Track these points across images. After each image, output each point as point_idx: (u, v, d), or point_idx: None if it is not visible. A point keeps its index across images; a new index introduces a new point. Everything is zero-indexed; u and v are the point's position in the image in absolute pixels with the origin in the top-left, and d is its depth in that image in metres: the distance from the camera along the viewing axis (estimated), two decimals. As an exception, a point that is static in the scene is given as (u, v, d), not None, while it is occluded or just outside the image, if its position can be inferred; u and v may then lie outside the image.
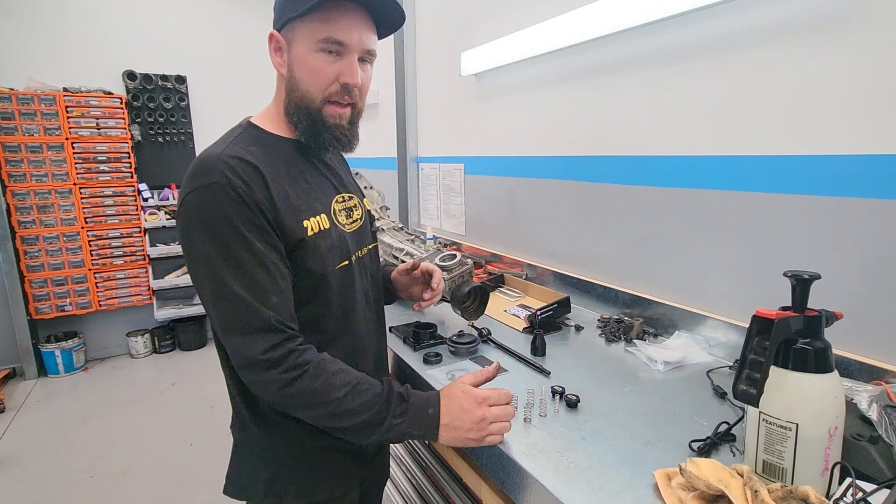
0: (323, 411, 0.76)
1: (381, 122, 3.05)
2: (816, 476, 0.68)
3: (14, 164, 3.33)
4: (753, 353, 0.69)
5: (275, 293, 0.76)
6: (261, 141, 0.85)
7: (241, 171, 0.76)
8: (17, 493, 2.33)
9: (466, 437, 0.79)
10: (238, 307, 0.74)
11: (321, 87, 0.83)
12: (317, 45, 0.81)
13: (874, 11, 0.93)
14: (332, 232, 0.88)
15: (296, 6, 0.78)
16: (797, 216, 1.07)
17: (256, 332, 0.74)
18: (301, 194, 0.84)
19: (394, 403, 0.79)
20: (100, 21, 3.68)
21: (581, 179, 1.62)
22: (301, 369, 0.75)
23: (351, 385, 0.77)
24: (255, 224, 0.76)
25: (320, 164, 0.94)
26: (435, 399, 0.81)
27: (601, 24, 1.41)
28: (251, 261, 0.75)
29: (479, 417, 0.78)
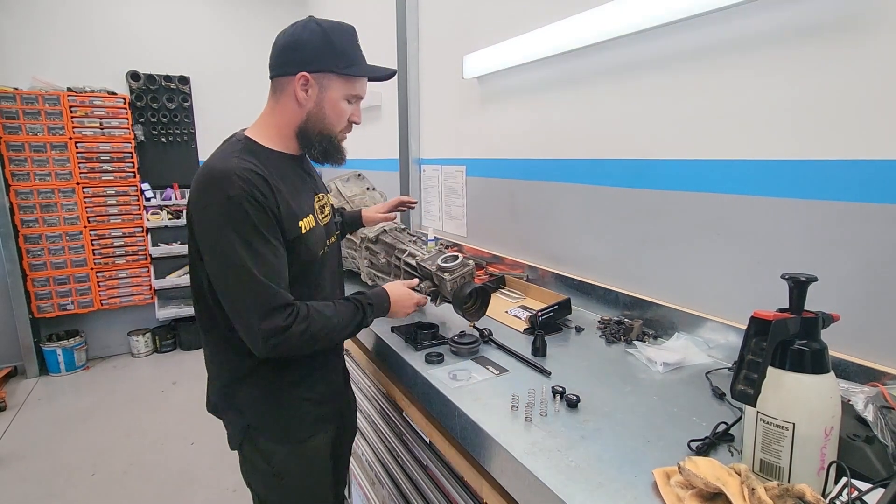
0: (331, 336, 1.05)
1: (384, 123, 3.06)
2: (813, 475, 0.69)
3: (18, 164, 3.35)
4: (751, 354, 0.70)
5: (284, 277, 1.01)
6: (258, 154, 1.05)
7: (256, 182, 0.97)
8: (18, 491, 2.34)
9: (400, 314, 1.23)
10: (263, 291, 0.96)
11: (341, 124, 1.11)
12: (346, 97, 1.09)
13: (876, 18, 0.94)
14: (317, 228, 1.12)
15: (340, 66, 1.05)
16: (795, 220, 1.08)
17: (278, 307, 0.97)
18: (296, 199, 1.07)
19: (367, 309, 1.13)
20: (104, 21, 3.70)
21: (582, 182, 1.63)
22: (307, 320, 1.00)
23: (335, 311, 1.07)
24: (270, 225, 0.98)
25: (303, 172, 1.17)
26: (386, 296, 1.19)
27: (602, 29, 1.42)
28: (269, 254, 0.97)
29: (408, 313, 1.25)
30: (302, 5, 4.39)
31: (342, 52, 1.04)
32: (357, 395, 1.69)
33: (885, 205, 0.94)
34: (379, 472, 1.53)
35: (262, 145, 1.07)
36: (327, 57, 1.03)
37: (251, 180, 0.96)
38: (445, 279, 1.31)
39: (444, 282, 1.33)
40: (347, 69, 1.05)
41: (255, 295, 0.96)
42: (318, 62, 1.03)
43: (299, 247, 1.05)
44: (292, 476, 1.16)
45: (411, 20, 2.53)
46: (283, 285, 0.99)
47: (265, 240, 0.97)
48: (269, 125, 1.10)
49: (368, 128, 3.33)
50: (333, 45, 1.03)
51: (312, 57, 1.03)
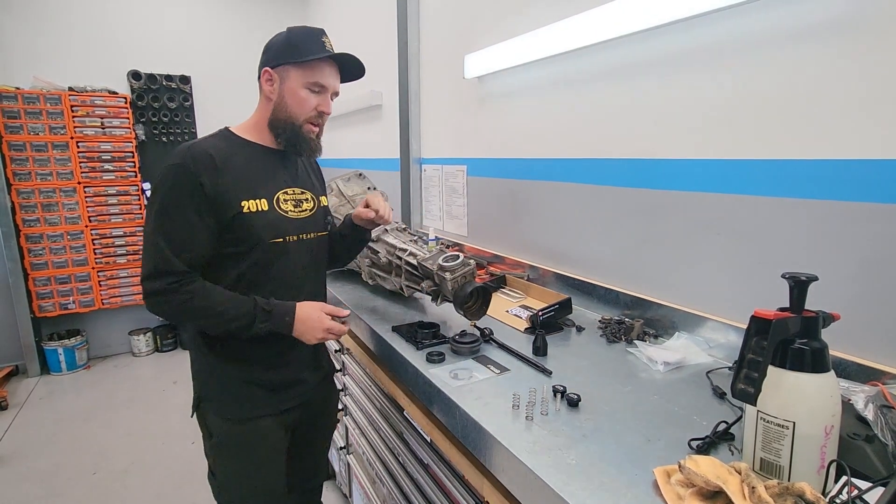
0: (210, 321, 1.11)
1: (385, 123, 3.06)
2: (813, 474, 0.69)
3: (19, 163, 3.35)
4: (752, 353, 0.71)
5: (188, 249, 1.08)
6: (229, 141, 1.17)
7: (197, 157, 1.07)
8: (19, 490, 2.35)
9: (308, 338, 1.18)
10: (157, 253, 1.06)
11: (305, 113, 1.17)
12: (306, 85, 1.16)
13: (874, 17, 0.94)
14: (270, 214, 1.16)
15: (294, 56, 1.13)
16: (795, 219, 1.08)
17: (165, 272, 1.07)
18: (246, 182, 1.14)
19: (259, 315, 1.13)
20: (105, 21, 3.71)
21: (583, 182, 1.63)
22: (190, 294, 1.08)
23: (227, 303, 1.11)
24: (194, 196, 1.06)
25: (278, 164, 1.22)
26: (292, 312, 1.17)
27: (603, 28, 1.42)
28: (180, 222, 1.06)
29: (319, 338, 1.19)
30: (303, 5, 4.39)
31: (299, 45, 1.13)
32: (357, 394, 1.69)
33: (886, 204, 0.94)
34: (380, 470, 1.53)
35: (238, 135, 1.19)
36: (285, 52, 1.14)
37: (194, 154, 1.07)
38: (446, 278, 1.32)
39: (445, 281, 1.33)
40: (299, 58, 1.13)
41: (149, 254, 1.07)
42: (278, 57, 1.15)
43: (238, 225, 1.11)
44: (232, 451, 1.23)
45: (412, 20, 2.53)
46: (186, 255, 1.07)
47: (181, 208, 1.06)
48: (252, 121, 1.22)
49: (369, 128, 3.34)
50: (292, 42, 1.14)
51: (274, 54, 1.15)
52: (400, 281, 1.59)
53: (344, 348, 1.80)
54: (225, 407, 1.21)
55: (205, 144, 1.12)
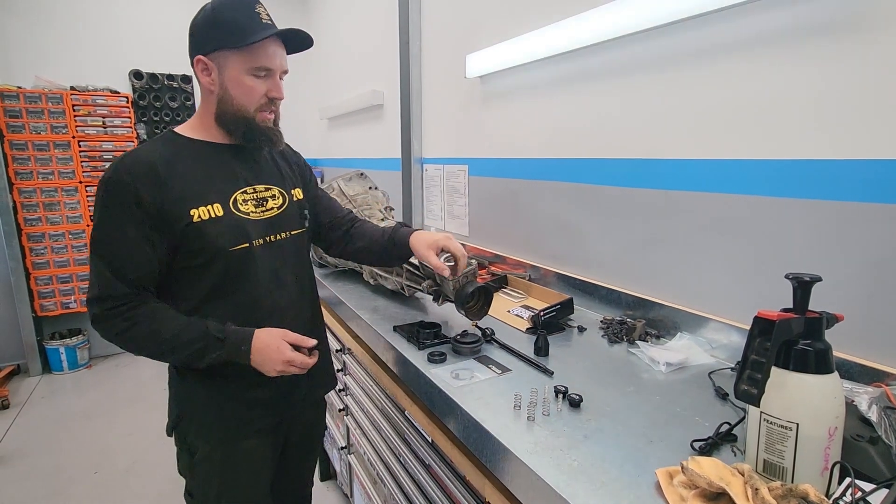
0: (154, 351, 1.02)
1: (386, 123, 3.06)
2: (816, 475, 0.69)
3: (21, 162, 3.36)
4: (755, 354, 0.70)
5: (130, 270, 0.99)
6: (174, 144, 1.06)
7: (133, 169, 0.97)
8: (21, 489, 2.35)
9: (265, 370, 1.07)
10: (97, 276, 0.98)
11: (254, 102, 1.05)
12: (249, 71, 1.03)
13: (873, 18, 0.94)
14: (226, 219, 1.05)
15: (229, 40, 1.00)
16: (799, 219, 1.08)
17: (107, 297, 0.98)
18: (195, 187, 1.02)
19: (211, 344, 1.02)
20: (107, 21, 3.71)
21: (585, 182, 1.63)
22: (132, 322, 0.99)
23: (176, 329, 1.01)
24: (131, 214, 0.97)
25: (233, 161, 1.11)
26: (248, 340, 1.05)
27: (605, 28, 1.42)
28: (118, 242, 0.98)
29: (279, 370, 1.07)
30: (303, 5, 4.39)
31: (231, 25, 0.99)
32: (359, 394, 1.69)
33: (890, 205, 0.94)
34: (381, 471, 1.53)
35: (183, 135, 1.08)
36: (216, 34, 1.00)
37: (129, 166, 0.97)
38: (448, 279, 1.31)
39: (446, 281, 1.33)
40: (236, 41, 0.99)
41: (92, 277, 1.00)
42: (209, 42, 1.01)
43: (192, 236, 1.01)
44: (214, 473, 1.14)
45: (414, 20, 2.53)
46: (129, 276, 0.98)
47: (119, 226, 0.97)
48: (197, 117, 1.11)
49: (371, 127, 3.34)
50: (221, 21, 1.00)
51: (204, 39, 1.02)
52: (401, 281, 1.59)
53: (345, 348, 1.80)
54: (207, 427, 1.12)
55: (143, 152, 1.01)
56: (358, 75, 3.46)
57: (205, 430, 1.13)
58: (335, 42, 3.82)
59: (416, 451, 1.30)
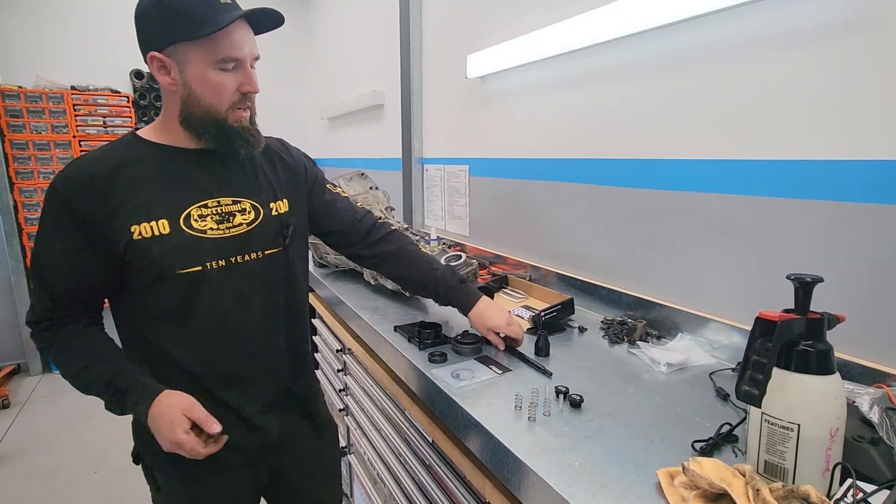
0: (68, 378, 0.93)
1: (387, 123, 3.06)
2: (817, 476, 0.69)
3: (22, 162, 3.36)
4: (756, 355, 0.70)
5: (57, 287, 0.90)
6: (132, 148, 0.93)
7: (72, 178, 0.87)
8: (21, 488, 2.35)
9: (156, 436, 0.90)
10: (33, 293, 0.93)
11: (225, 101, 0.91)
12: (214, 65, 0.87)
13: (877, 17, 0.94)
14: (172, 238, 0.91)
15: (184, 31, 0.84)
16: (801, 220, 1.08)
17: (33, 311, 0.93)
18: (140, 200, 0.89)
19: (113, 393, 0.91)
20: (108, 20, 3.71)
21: (585, 182, 1.63)
22: (48, 342, 0.93)
23: (83, 367, 0.92)
24: (62, 226, 0.87)
25: (195, 169, 0.95)
26: (148, 402, 0.90)
27: (607, 28, 1.42)
28: (49, 257, 0.89)
29: (168, 448, 0.90)
30: (304, 5, 4.39)
31: (183, 11, 0.83)
32: (359, 393, 1.69)
33: (892, 206, 0.94)
34: (381, 470, 1.53)
35: (145, 139, 0.94)
36: (168, 25, 0.84)
37: (69, 175, 0.87)
38: None
39: (447, 281, 1.33)
40: (194, 31, 0.84)
41: (32, 294, 0.94)
42: (162, 35, 0.85)
43: (134, 254, 0.88)
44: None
45: (414, 20, 2.53)
46: (54, 292, 0.90)
47: (50, 240, 0.89)
48: (161, 119, 0.96)
49: (371, 127, 3.34)
50: (172, 8, 0.83)
51: (154, 30, 0.86)
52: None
53: (345, 348, 1.80)
54: (168, 463, 0.97)
55: (88, 161, 0.89)
56: (358, 75, 3.46)
57: (166, 467, 1.00)
58: (336, 42, 3.83)
59: (417, 451, 1.29)
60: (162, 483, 1.02)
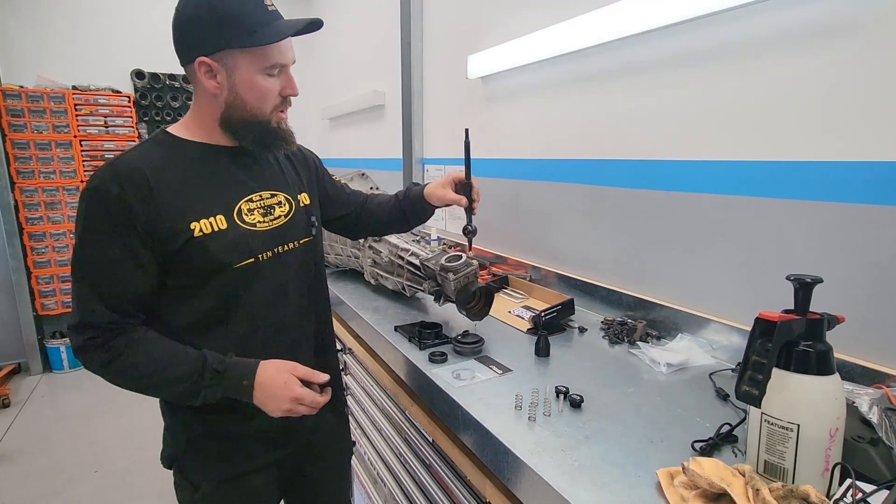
0: (140, 384, 0.90)
1: (387, 123, 3.06)
2: (817, 476, 0.69)
3: (23, 161, 3.37)
4: (756, 355, 0.70)
5: (115, 294, 0.87)
6: (169, 147, 0.93)
7: (123, 176, 0.85)
8: (21, 487, 2.35)
9: (270, 410, 0.93)
10: (79, 302, 0.87)
11: (270, 104, 0.94)
12: (262, 71, 0.91)
13: (877, 19, 0.94)
14: (230, 232, 0.93)
15: (238, 38, 0.86)
16: (800, 221, 1.08)
17: (88, 325, 0.87)
18: (194, 197, 0.91)
19: (207, 377, 0.90)
20: (109, 20, 3.72)
21: (586, 182, 1.63)
22: (115, 352, 0.87)
23: (167, 361, 0.89)
24: (118, 229, 0.85)
25: (235, 166, 0.98)
26: (251, 374, 0.92)
27: (607, 29, 1.42)
28: (101, 262, 0.86)
29: (286, 409, 0.93)
30: (305, 4, 4.40)
31: (237, 19, 0.85)
32: (359, 393, 1.69)
33: (891, 207, 0.94)
34: (381, 470, 1.53)
35: (181, 138, 0.95)
36: (221, 31, 0.85)
37: (118, 172, 0.85)
38: (449, 279, 1.31)
39: (447, 281, 1.33)
40: (249, 40, 0.86)
41: (74, 300, 0.88)
42: (213, 41, 0.86)
43: (192, 252, 0.88)
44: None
45: (415, 20, 2.53)
46: (113, 301, 0.86)
47: (102, 243, 0.85)
48: (193, 117, 0.97)
49: (372, 127, 3.34)
50: (224, 14, 0.85)
51: (205, 36, 0.87)
52: (402, 281, 1.59)
53: (346, 348, 1.80)
54: (209, 464, 1.01)
55: (133, 157, 0.88)
56: (359, 76, 3.46)
57: (207, 468, 1.01)
58: (337, 42, 3.83)
59: (417, 451, 1.30)
60: (200, 483, 1.02)
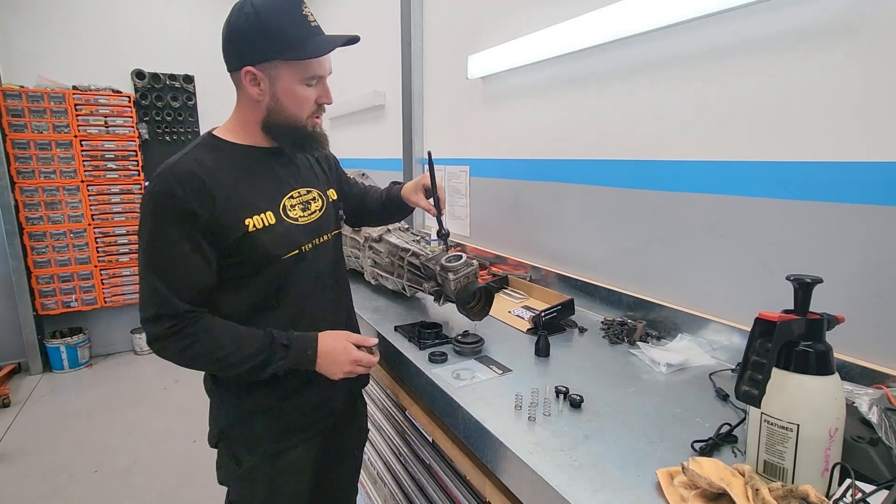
0: (218, 365, 0.99)
1: (388, 123, 3.06)
2: (817, 476, 0.69)
3: (23, 161, 3.37)
4: (756, 355, 0.70)
5: (187, 286, 0.95)
6: (218, 150, 1.02)
7: (183, 180, 0.93)
8: (21, 487, 2.35)
9: (333, 374, 1.08)
10: (153, 294, 0.94)
11: (306, 111, 1.04)
12: (303, 81, 1.00)
13: (877, 20, 0.94)
14: (278, 227, 1.03)
15: (283, 51, 0.96)
16: (800, 221, 1.08)
17: (164, 315, 0.94)
18: (245, 195, 1.00)
19: (277, 351, 1.01)
20: (110, 20, 3.72)
21: (586, 183, 1.63)
22: (193, 339, 0.95)
23: (238, 341, 0.98)
24: (184, 228, 0.93)
25: (276, 165, 1.08)
26: (313, 344, 1.06)
27: (606, 30, 1.42)
28: (173, 258, 0.94)
29: (346, 372, 1.08)
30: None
31: (282, 34, 0.95)
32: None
33: (890, 207, 0.94)
34: (381, 470, 1.53)
35: (227, 140, 1.04)
36: (268, 44, 0.95)
37: (179, 177, 0.93)
38: (449, 279, 1.31)
39: (448, 281, 1.33)
40: (293, 54, 0.96)
41: (146, 295, 0.95)
42: (259, 52, 0.96)
43: (246, 246, 0.98)
44: (260, 485, 1.13)
45: (415, 20, 2.53)
46: (186, 292, 0.95)
47: (172, 241, 0.93)
48: (236, 121, 1.06)
49: (372, 127, 3.34)
50: (272, 29, 0.94)
51: (251, 48, 0.96)
52: (402, 281, 1.59)
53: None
54: (254, 439, 1.10)
55: (189, 162, 0.96)
56: (360, 76, 3.46)
57: (252, 442, 1.11)
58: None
59: (417, 451, 1.30)
60: (244, 459, 1.11)
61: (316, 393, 1.14)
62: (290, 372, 1.07)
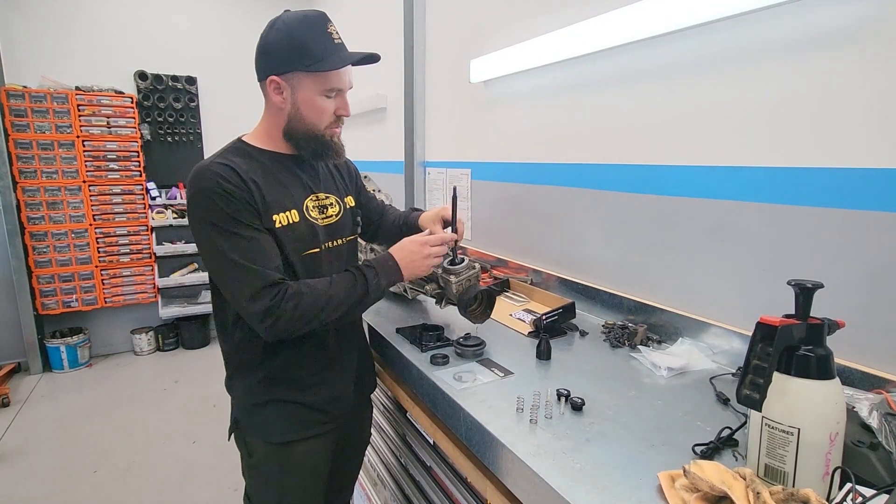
0: (329, 310, 1.03)
1: (390, 126, 3.07)
2: (817, 480, 0.70)
3: (25, 161, 3.37)
4: (757, 359, 0.71)
5: (270, 258, 1.01)
6: (247, 154, 1.09)
7: (225, 174, 1.00)
8: (21, 487, 2.35)
9: (420, 269, 1.16)
10: (244, 274, 0.98)
11: (325, 122, 1.10)
12: (322, 92, 1.07)
13: (880, 27, 0.95)
14: (301, 225, 1.10)
15: (305, 63, 1.03)
16: (801, 227, 1.09)
17: (264, 288, 0.98)
18: (277, 194, 1.07)
19: (368, 273, 1.09)
20: (112, 21, 3.73)
21: (588, 187, 1.64)
22: (297, 297, 1.00)
23: (332, 285, 1.05)
24: (245, 212, 1.00)
25: (297, 170, 1.15)
26: (391, 256, 1.14)
27: (609, 35, 1.43)
28: (248, 238, 1.00)
29: (425, 254, 1.15)
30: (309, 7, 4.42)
31: (306, 48, 1.02)
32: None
33: (892, 213, 0.95)
34: (381, 472, 1.54)
35: (254, 146, 1.11)
36: (292, 56, 1.03)
37: (221, 173, 0.99)
38: (451, 281, 1.32)
39: (449, 284, 1.34)
40: (314, 66, 1.03)
41: (237, 279, 0.99)
42: (285, 64, 1.04)
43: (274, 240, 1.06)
44: (271, 475, 1.17)
45: (418, 24, 2.54)
46: (270, 265, 1.00)
47: (241, 225, 0.99)
48: (262, 129, 1.14)
49: (374, 130, 3.35)
50: (297, 43, 1.02)
51: (278, 59, 1.04)
52: (404, 283, 1.60)
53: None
54: (266, 429, 1.15)
55: (224, 161, 1.03)
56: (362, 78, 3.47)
57: (263, 432, 1.15)
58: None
59: (418, 453, 1.30)
60: (255, 450, 1.16)
61: (327, 391, 1.18)
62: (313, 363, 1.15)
